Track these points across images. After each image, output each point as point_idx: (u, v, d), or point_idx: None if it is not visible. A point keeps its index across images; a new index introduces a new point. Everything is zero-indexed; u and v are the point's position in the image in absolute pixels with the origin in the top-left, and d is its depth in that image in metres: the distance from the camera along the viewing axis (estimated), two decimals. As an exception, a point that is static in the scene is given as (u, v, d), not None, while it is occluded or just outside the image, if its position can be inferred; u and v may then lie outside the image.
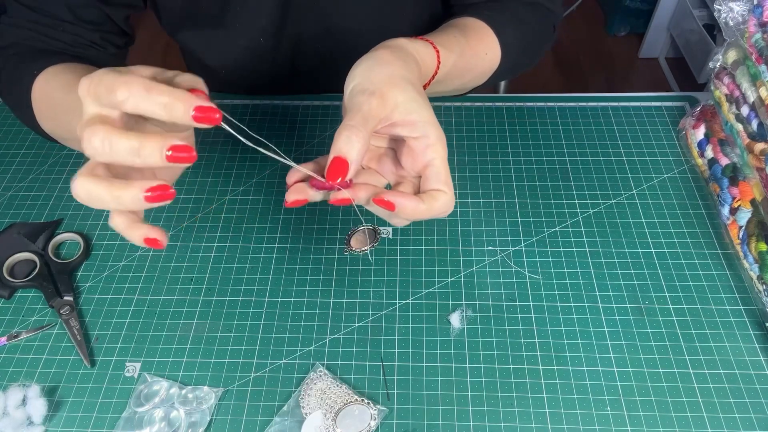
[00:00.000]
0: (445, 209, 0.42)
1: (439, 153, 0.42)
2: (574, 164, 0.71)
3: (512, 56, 0.63)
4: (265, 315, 0.59)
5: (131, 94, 0.35)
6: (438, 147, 0.42)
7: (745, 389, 0.54)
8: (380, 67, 0.44)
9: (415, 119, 0.41)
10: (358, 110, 0.41)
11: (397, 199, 0.41)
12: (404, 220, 0.44)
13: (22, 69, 0.58)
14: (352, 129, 0.40)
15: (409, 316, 0.59)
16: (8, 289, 0.61)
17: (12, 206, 0.69)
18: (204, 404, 0.53)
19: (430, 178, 0.42)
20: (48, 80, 0.56)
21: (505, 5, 0.64)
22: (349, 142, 0.39)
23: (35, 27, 0.61)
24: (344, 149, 0.39)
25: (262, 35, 0.73)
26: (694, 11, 1.85)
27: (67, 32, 0.61)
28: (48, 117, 0.57)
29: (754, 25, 0.61)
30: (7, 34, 0.62)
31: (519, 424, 0.52)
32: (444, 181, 0.42)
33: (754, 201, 0.60)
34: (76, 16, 0.61)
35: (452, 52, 0.54)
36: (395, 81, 0.42)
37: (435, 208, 0.41)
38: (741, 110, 0.62)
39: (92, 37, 0.63)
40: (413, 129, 0.42)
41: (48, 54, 0.60)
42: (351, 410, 0.52)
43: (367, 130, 0.40)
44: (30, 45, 0.61)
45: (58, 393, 0.55)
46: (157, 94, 0.35)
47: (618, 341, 0.57)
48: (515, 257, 0.63)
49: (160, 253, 0.64)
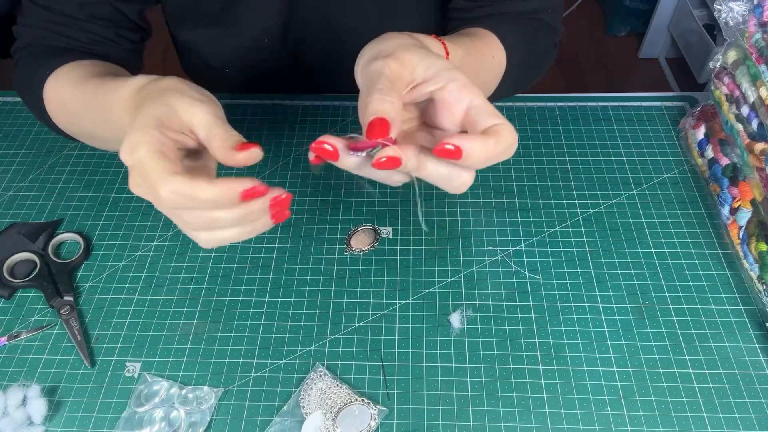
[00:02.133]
0: (511, 141, 0.37)
1: (475, 92, 0.38)
2: (574, 164, 0.71)
3: (517, 64, 0.62)
4: (265, 315, 0.59)
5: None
6: (471, 87, 0.38)
7: (745, 389, 0.54)
8: (389, 40, 0.42)
9: (436, 70, 0.39)
10: (380, 74, 0.38)
11: (462, 142, 0.35)
12: (469, 175, 0.38)
13: (36, 69, 0.59)
14: (381, 91, 0.37)
15: (409, 316, 0.59)
16: (8, 289, 0.61)
17: (12, 206, 0.69)
18: (204, 404, 0.53)
19: (478, 118, 0.37)
20: (60, 80, 0.57)
21: (508, 17, 0.64)
22: (383, 102, 0.36)
23: (51, 26, 0.61)
24: (380, 108, 0.36)
25: (267, 35, 0.73)
26: (694, 11, 1.85)
27: (82, 30, 0.61)
28: (62, 118, 0.58)
29: (754, 25, 0.61)
30: (25, 35, 0.63)
31: (519, 424, 0.52)
32: (495, 114, 0.37)
33: (754, 201, 0.60)
34: (89, 14, 0.61)
35: (459, 47, 0.53)
36: (405, 46, 0.41)
37: (502, 143, 0.36)
38: (741, 110, 0.62)
39: (107, 34, 0.63)
40: (438, 79, 0.39)
41: (61, 52, 0.60)
42: (351, 410, 0.52)
43: (397, 91, 0.38)
44: (46, 44, 0.62)
45: (58, 393, 0.55)
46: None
47: (618, 341, 0.57)
48: (515, 257, 0.63)
49: (160, 253, 0.64)
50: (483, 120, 0.37)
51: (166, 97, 0.40)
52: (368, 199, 0.68)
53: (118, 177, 0.71)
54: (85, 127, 0.55)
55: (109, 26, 0.63)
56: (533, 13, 0.66)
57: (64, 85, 0.56)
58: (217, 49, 0.75)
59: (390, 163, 0.36)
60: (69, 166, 0.72)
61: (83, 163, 0.73)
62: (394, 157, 0.35)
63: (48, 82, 0.57)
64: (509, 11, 0.65)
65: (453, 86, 0.38)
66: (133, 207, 0.68)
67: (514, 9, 0.64)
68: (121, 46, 0.65)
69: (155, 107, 0.40)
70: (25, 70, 0.61)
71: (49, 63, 0.58)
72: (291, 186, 0.69)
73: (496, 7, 0.64)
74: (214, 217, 0.38)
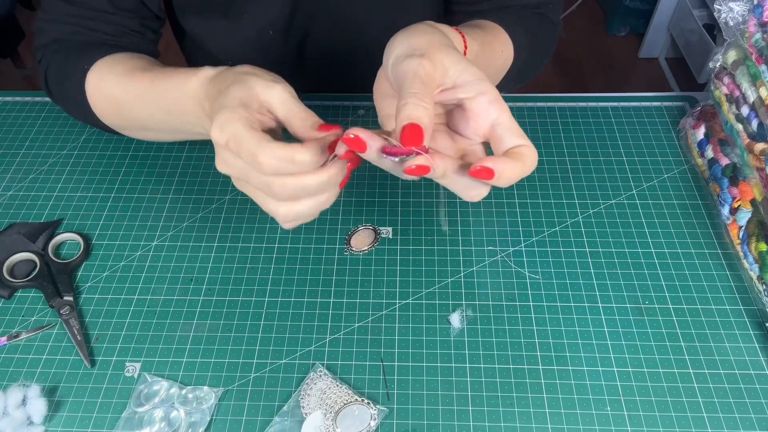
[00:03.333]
0: (533, 163, 0.39)
1: (504, 108, 0.39)
2: (574, 164, 0.71)
3: (521, 58, 0.62)
4: (265, 315, 0.59)
5: None
6: (501, 102, 0.39)
7: (745, 389, 0.54)
8: (420, 35, 0.43)
9: (468, 78, 0.40)
10: (415, 75, 0.39)
11: (496, 165, 0.37)
12: (486, 188, 0.40)
13: (71, 64, 0.59)
14: (416, 95, 0.38)
15: (409, 316, 0.59)
16: (8, 289, 0.61)
17: (12, 206, 0.69)
18: (204, 404, 0.53)
19: (504, 136, 0.39)
20: (102, 74, 0.58)
21: (511, 12, 0.64)
22: (417, 107, 0.37)
23: (77, 21, 0.61)
24: (414, 114, 0.37)
25: (271, 28, 0.73)
26: (694, 11, 1.85)
27: (109, 22, 0.62)
28: (109, 111, 0.59)
29: (754, 25, 0.61)
30: (50, 31, 0.63)
31: (519, 424, 0.52)
32: (521, 134, 0.39)
33: (754, 201, 0.60)
34: (114, 5, 0.62)
35: (475, 40, 0.53)
36: (438, 46, 0.41)
37: (528, 165, 0.38)
38: (741, 110, 0.62)
39: (132, 25, 0.63)
40: (469, 89, 0.40)
41: (92, 46, 0.60)
42: (351, 410, 0.52)
43: (430, 95, 0.39)
44: (74, 39, 0.62)
45: (58, 393, 0.55)
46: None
47: (618, 341, 0.57)
48: (515, 257, 0.63)
49: (160, 253, 0.64)
50: (509, 139, 0.39)
51: (245, 80, 0.43)
52: (368, 199, 0.68)
53: (118, 177, 0.71)
54: (139, 118, 0.56)
55: (134, 17, 0.63)
56: (536, 8, 0.66)
57: (108, 79, 0.57)
58: (222, 41, 0.75)
59: (419, 171, 0.37)
60: (69, 166, 0.72)
61: (83, 163, 0.73)
62: (424, 166, 0.37)
63: (90, 77, 0.58)
64: (514, 4, 0.65)
65: (483, 99, 0.39)
66: (133, 207, 0.68)
67: (518, 2, 0.65)
68: (146, 37, 0.65)
69: (237, 89, 0.42)
70: (56, 66, 0.61)
71: (83, 57, 0.58)
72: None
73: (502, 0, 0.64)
74: (302, 184, 0.40)
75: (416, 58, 0.40)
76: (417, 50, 0.40)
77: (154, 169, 0.72)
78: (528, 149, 0.38)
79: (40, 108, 0.79)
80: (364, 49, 0.47)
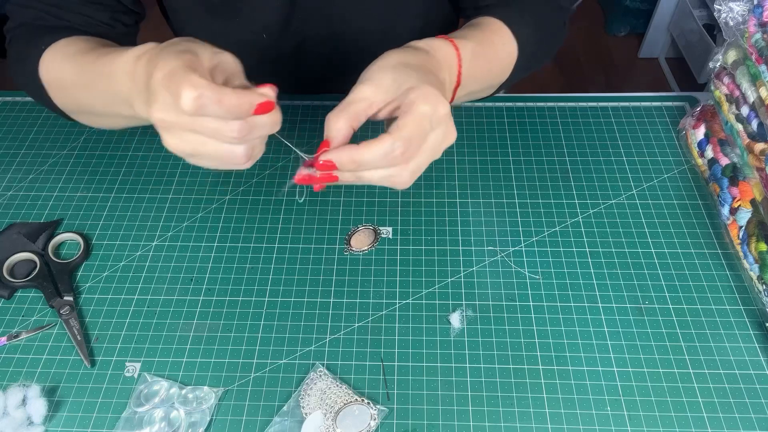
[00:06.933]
0: (389, 149, 0.42)
1: (415, 111, 0.43)
2: (574, 164, 0.71)
3: (527, 49, 0.62)
4: (265, 315, 0.59)
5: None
6: (417, 105, 0.43)
7: (745, 389, 0.54)
8: (377, 62, 0.47)
9: (396, 95, 0.44)
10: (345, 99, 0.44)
11: (332, 156, 0.42)
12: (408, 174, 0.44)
13: (30, 44, 0.59)
14: (332, 111, 0.44)
15: (409, 316, 0.59)
16: (8, 289, 0.61)
17: (12, 206, 0.69)
18: (204, 404, 0.53)
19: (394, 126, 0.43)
20: (55, 55, 0.57)
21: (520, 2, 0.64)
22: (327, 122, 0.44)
23: (45, 8, 0.61)
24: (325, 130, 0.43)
25: (265, 31, 0.72)
26: (694, 11, 1.85)
27: (76, 13, 0.61)
28: (57, 89, 0.58)
29: (754, 25, 0.61)
30: (17, 15, 0.62)
31: (519, 424, 0.52)
32: (397, 129, 0.42)
33: (754, 201, 0.60)
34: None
35: (469, 40, 0.54)
36: (384, 68, 0.45)
37: (376, 150, 0.42)
38: (741, 110, 0.62)
39: (102, 17, 0.63)
40: (400, 104, 0.44)
41: (56, 29, 0.60)
42: (351, 410, 0.52)
43: (346, 111, 0.44)
44: (39, 24, 0.61)
45: (58, 393, 0.55)
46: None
47: (618, 341, 0.57)
48: (515, 257, 0.63)
49: (160, 253, 0.64)
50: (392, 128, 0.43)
51: (189, 46, 0.43)
52: (368, 199, 0.68)
53: (118, 177, 0.71)
54: (82, 100, 0.55)
55: (103, 9, 0.63)
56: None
57: (60, 59, 0.56)
58: (216, 43, 0.75)
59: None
60: (69, 166, 0.72)
61: (83, 163, 0.73)
62: (328, 161, 0.42)
63: (44, 57, 0.57)
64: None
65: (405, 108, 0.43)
66: (133, 207, 0.68)
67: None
68: (115, 29, 0.65)
69: (178, 56, 0.42)
70: (18, 45, 0.61)
71: (44, 39, 0.58)
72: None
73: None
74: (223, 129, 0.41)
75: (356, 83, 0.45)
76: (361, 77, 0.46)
77: (154, 169, 0.72)
78: (387, 136, 0.42)
79: (40, 108, 0.79)
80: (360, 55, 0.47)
